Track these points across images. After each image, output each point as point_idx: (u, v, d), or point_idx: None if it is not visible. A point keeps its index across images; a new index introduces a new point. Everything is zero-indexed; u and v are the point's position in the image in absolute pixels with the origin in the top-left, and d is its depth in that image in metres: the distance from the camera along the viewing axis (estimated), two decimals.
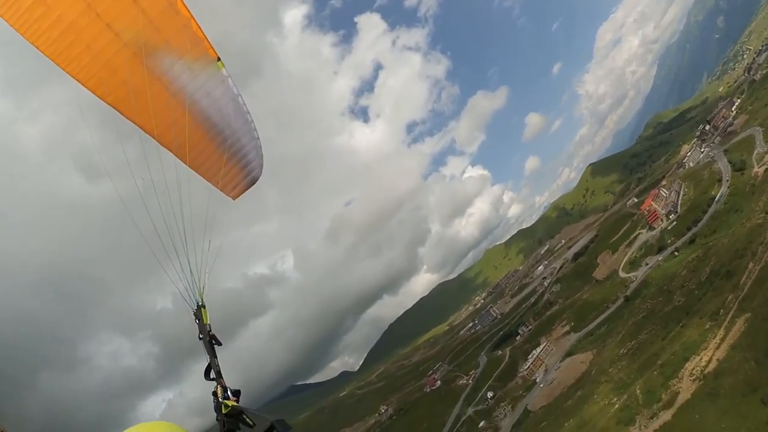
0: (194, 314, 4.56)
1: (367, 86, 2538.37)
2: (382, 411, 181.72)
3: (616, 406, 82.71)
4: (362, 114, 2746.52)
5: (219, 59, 5.04)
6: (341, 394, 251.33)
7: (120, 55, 4.72)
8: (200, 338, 4.37)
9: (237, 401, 3.93)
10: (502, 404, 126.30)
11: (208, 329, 4.52)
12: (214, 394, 3.92)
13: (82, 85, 4.71)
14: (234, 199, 5.48)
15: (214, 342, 4.41)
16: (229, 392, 4.10)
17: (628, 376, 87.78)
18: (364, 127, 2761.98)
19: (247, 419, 3.64)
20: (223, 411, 3.84)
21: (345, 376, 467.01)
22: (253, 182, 5.58)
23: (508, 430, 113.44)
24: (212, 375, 4.08)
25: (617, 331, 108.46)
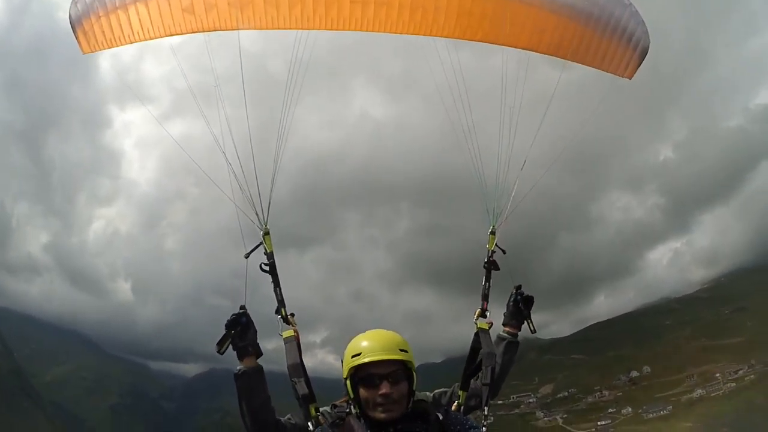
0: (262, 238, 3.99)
1: None
2: None
3: None
4: None
5: None
6: None
7: None
8: (263, 267, 3.87)
9: None
10: None
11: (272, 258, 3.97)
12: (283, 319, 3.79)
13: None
14: (630, 78, 4.79)
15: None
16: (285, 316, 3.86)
17: None
18: None
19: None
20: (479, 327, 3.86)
21: None
22: (644, 53, 4.79)
23: None
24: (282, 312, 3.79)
25: None
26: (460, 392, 3.77)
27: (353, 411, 2.98)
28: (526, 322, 4.02)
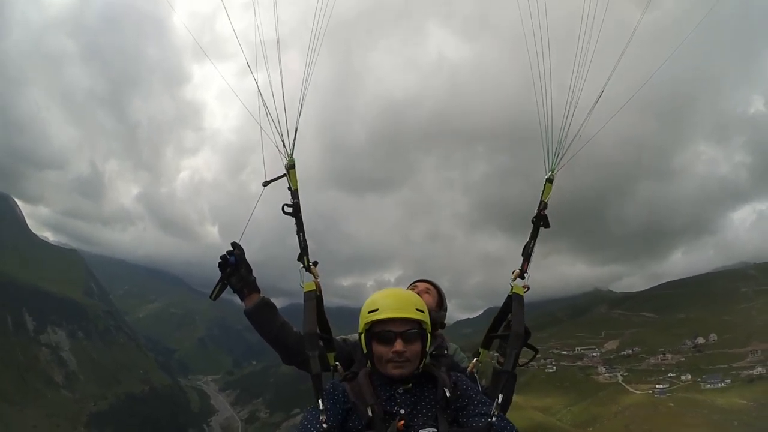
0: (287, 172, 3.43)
1: None
2: None
3: None
4: None
5: None
6: None
7: None
8: (286, 210, 3.38)
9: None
10: None
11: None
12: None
13: None
14: None
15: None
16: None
17: None
18: None
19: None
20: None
21: None
22: None
23: None
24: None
25: None
26: (481, 350, 3.53)
27: (367, 366, 2.84)
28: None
